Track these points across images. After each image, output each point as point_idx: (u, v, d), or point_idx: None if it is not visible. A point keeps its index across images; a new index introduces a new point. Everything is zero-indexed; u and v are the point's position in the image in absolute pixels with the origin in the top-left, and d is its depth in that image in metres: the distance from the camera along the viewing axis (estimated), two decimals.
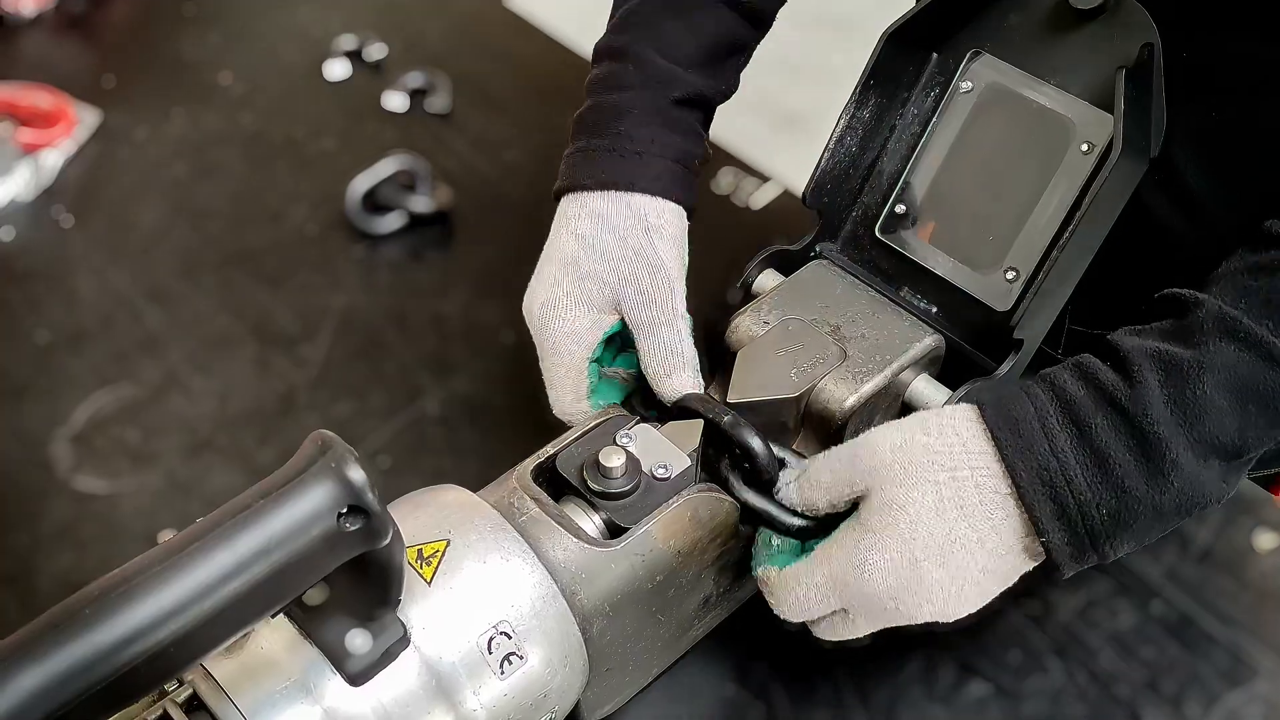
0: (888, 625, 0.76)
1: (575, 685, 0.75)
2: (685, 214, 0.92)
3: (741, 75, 0.99)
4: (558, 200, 0.93)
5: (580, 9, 0.95)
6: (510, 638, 0.70)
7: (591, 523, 0.79)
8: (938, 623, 0.75)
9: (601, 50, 0.96)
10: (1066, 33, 0.87)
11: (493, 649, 0.70)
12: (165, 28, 1.76)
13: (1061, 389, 0.72)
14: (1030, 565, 0.74)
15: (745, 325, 0.88)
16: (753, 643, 0.91)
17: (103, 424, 1.21)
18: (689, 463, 0.81)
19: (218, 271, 1.38)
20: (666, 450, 0.81)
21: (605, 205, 0.89)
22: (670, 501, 0.78)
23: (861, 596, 0.73)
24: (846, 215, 0.95)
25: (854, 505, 0.75)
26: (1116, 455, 0.69)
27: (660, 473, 0.80)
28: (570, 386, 0.89)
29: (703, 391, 0.86)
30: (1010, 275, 0.86)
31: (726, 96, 0.97)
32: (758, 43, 1.00)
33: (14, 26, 1.74)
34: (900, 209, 0.92)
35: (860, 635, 0.78)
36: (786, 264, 0.94)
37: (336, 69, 1.66)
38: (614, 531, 0.78)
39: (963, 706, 0.89)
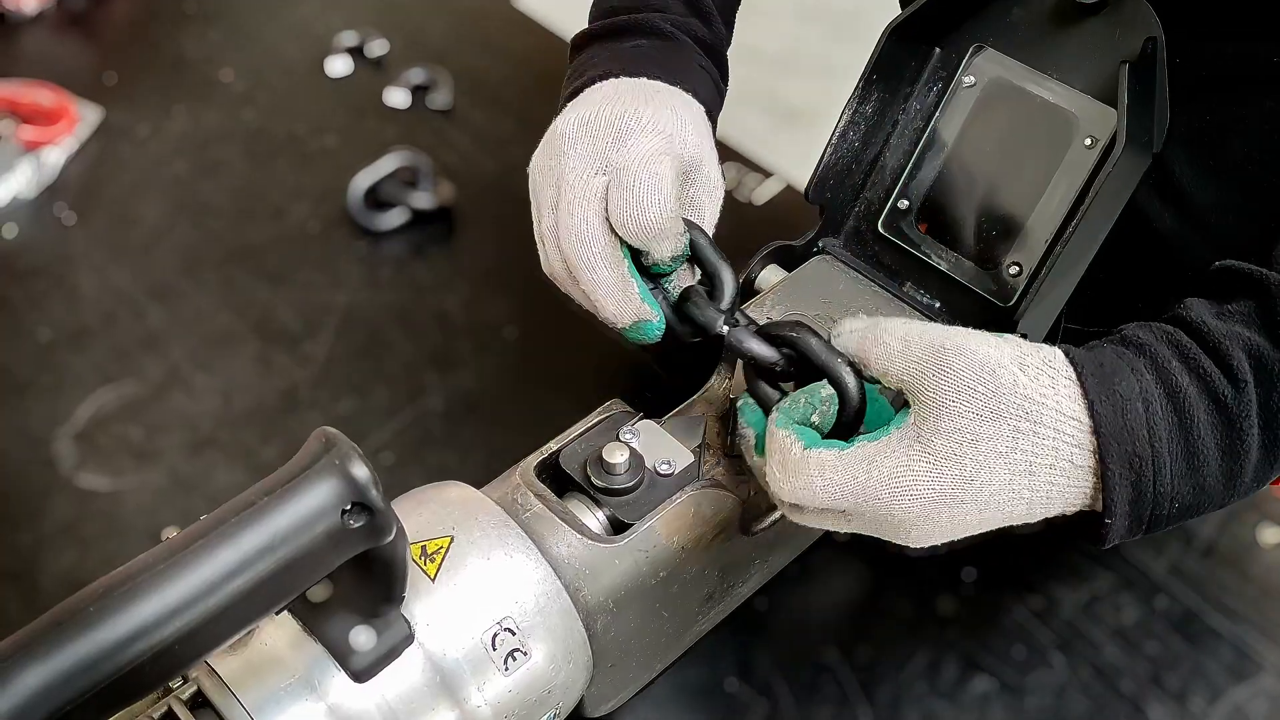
0: (876, 536, 0.70)
1: (579, 681, 0.75)
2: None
3: (741, 71, 0.99)
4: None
5: (581, 4, 0.95)
6: (514, 634, 0.70)
7: (595, 519, 0.78)
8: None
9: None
10: (1069, 27, 0.86)
11: (497, 645, 0.70)
12: (166, 25, 1.76)
13: (1166, 370, 0.67)
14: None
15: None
16: (756, 638, 0.91)
17: (105, 422, 1.21)
18: (692, 459, 0.81)
19: (220, 269, 1.38)
20: (670, 446, 0.81)
21: (639, 87, 0.82)
22: (674, 497, 0.78)
23: (885, 512, 0.67)
24: (849, 211, 0.95)
25: (899, 395, 0.69)
26: (1208, 453, 0.66)
27: (663, 469, 0.80)
28: (664, 183, 0.77)
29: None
30: (1013, 270, 0.86)
31: (726, 41, 0.95)
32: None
33: (15, 24, 1.74)
34: (903, 204, 0.92)
35: (836, 530, 0.71)
36: (789, 260, 0.94)
37: (338, 65, 1.66)
38: (617, 528, 0.78)
39: (967, 702, 0.89)
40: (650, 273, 0.81)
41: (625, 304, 0.79)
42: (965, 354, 0.66)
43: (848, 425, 0.71)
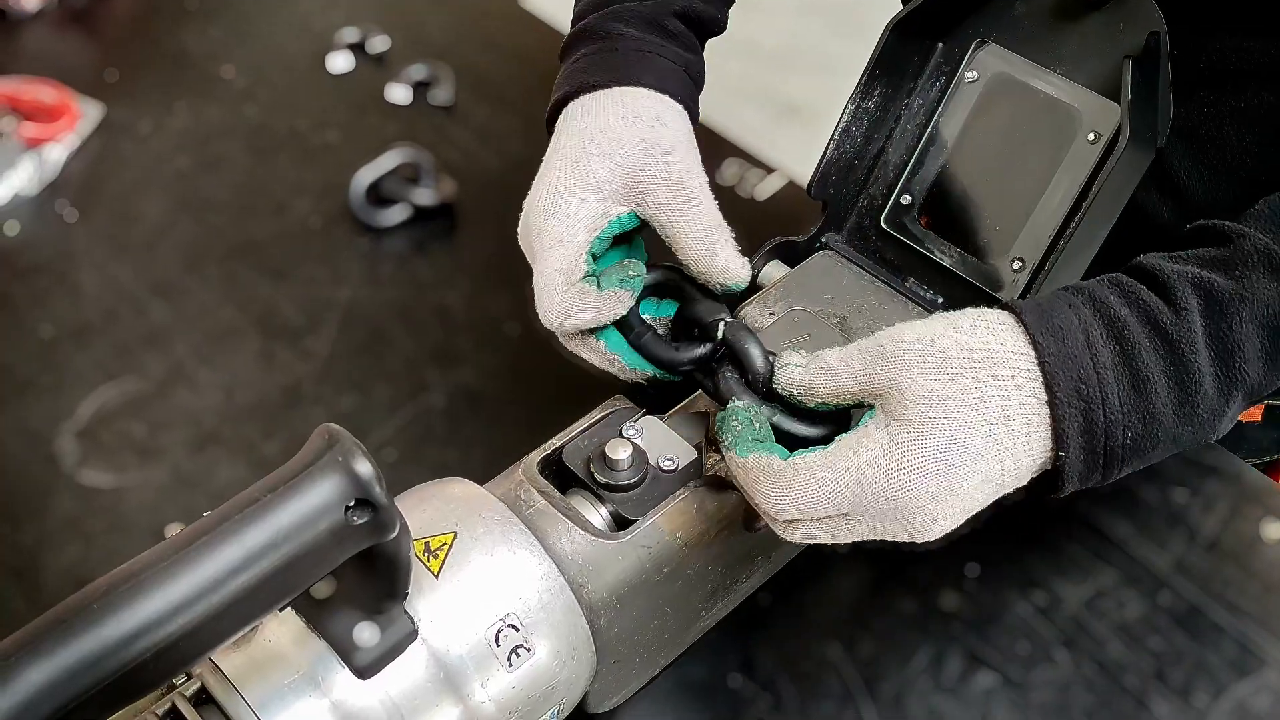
0: (887, 538, 0.71)
1: (583, 677, 0.75)
2: (690, 119, 0.88)
3: (742, 67, 0.98)
4: (552, 124, 0.88)
5: None
6: (518, 630, 0.70)
7: (598, 515, 0.79)
8: (916, 542, 0.70)
9: None
10: (1072, 21, 0.86)
11: (500, 641, 0.70)
12: (167, 21, 1.76)
13: (1104, 304, 0.68)
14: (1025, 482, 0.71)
15: (751, 317, 0.88)
16: (760, 634, 0.91)
17: (108, 418, 1.21)
18: (695, 455, 0.81)
19: (222, 265, 1.38)
20: (673, 442, 0.81)
21: (609, 101, 0.85)
22: (677, 493, 0.78)
23: (886, 497, 0.67)
24: (852, 206, 0.95)
25: (858, 406, 0.71)
26: (1153, 379, 0.66)
27: (667, 465, 0.80)
28: (561, 275, 0.80)
29: (749, 274, 0.83)
30: (1016, 266, 0.86)
31: (720, 26, 0.95)
32: None
33: (16, 21, 1.74)
34: (906, 199, 0.92)
35: (847, 541, 0.72)
36: (792, 255, 0.94)
37: (339, 61, 1.65)
38: (620, 524, 0.78)
39: (970, 697, 0.89)
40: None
41: (622, 374, 0.84)
42: (901, 339, 0.69)
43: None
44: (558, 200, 0.82)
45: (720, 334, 0.79)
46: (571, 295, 0.80)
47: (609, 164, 0.82)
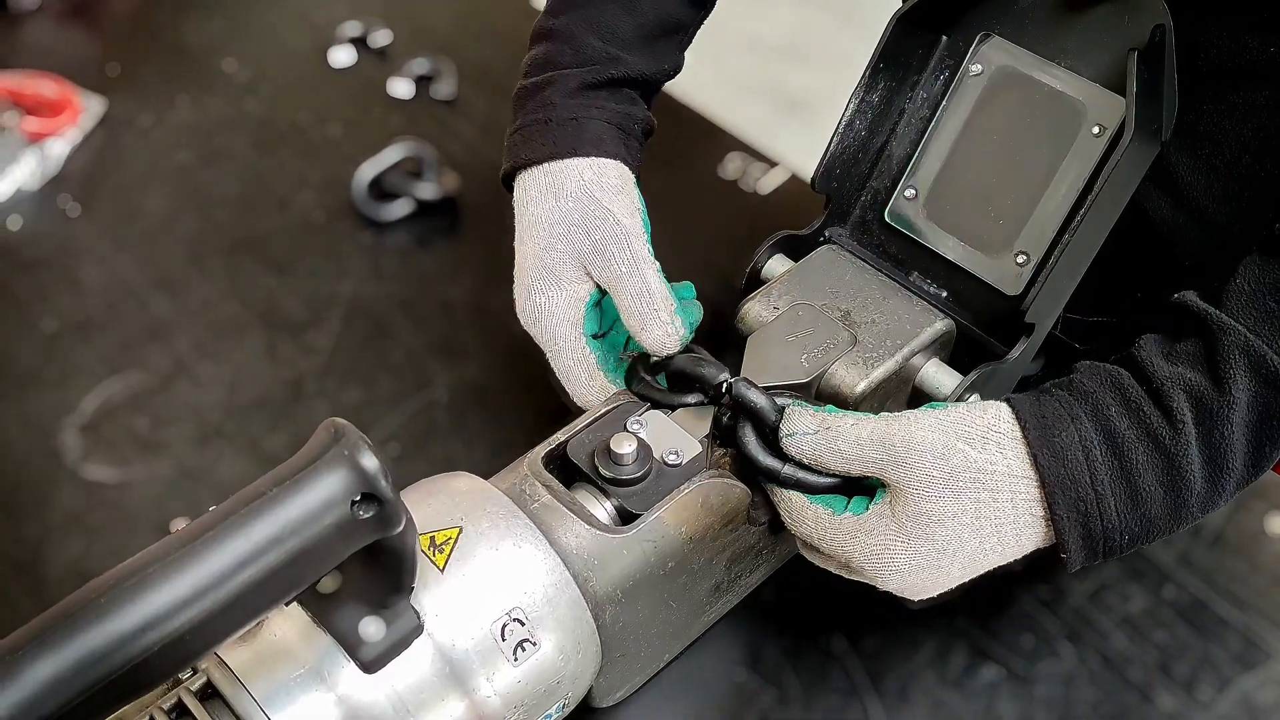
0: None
1: (588, 672, 0.75)
2: (628, 171, 0.91)
3: (744, 61, 0.98)
4: (509, 189, 0.92)
5: None
6: (523, 624, 0.70)
7: (603, 509, 0.78)
8: None
9: (537, 32, 0.96)
10: (1077, 15, 0.86)
11: (506, 636, 0.70)
12: (169, 15, 1.76)
13: (1106, 418, 0.72)
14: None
15: (755, 311, 0.88)
16: (765, 628, 0.91)
17: (111, 412, 1.21)
18: (700, 449, 0.81)
19: (224, 259, 1.38)
20: (678, 436, 0.81)
21: (547, 178, 0.89)
22: (681, 488, 0.78)
23: (875, 577, 0.74)
24: (855, 200, 0.95)
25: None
26: (1150, 491, 0.71)
27: (671, 459, 0.80)
28: (577, 368, 0.88)
29: (681, 334, 0.85)
30: (1020, 259, 0.86)
31: (669, 76, 0.97)
32: (699, 24, 0.99)
33: (18, 15, 1.73)
34: (910, 193, 0.92)
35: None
36: (795, 249, 0.93)
37: (341, 55, 1.65)
38: (625, 518, 0.78)
39: (975, 690, 0.89)
40: None
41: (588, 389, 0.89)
42: (914, 444, 0.72)
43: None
44: (535, 305, 0.89)
45: (726, 393, 0.78)
46: (595, 389, 0.88)
47: (556, 254, 0.88)
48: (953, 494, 0.71)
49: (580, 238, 0.87)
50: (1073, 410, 0.72)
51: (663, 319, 0.85)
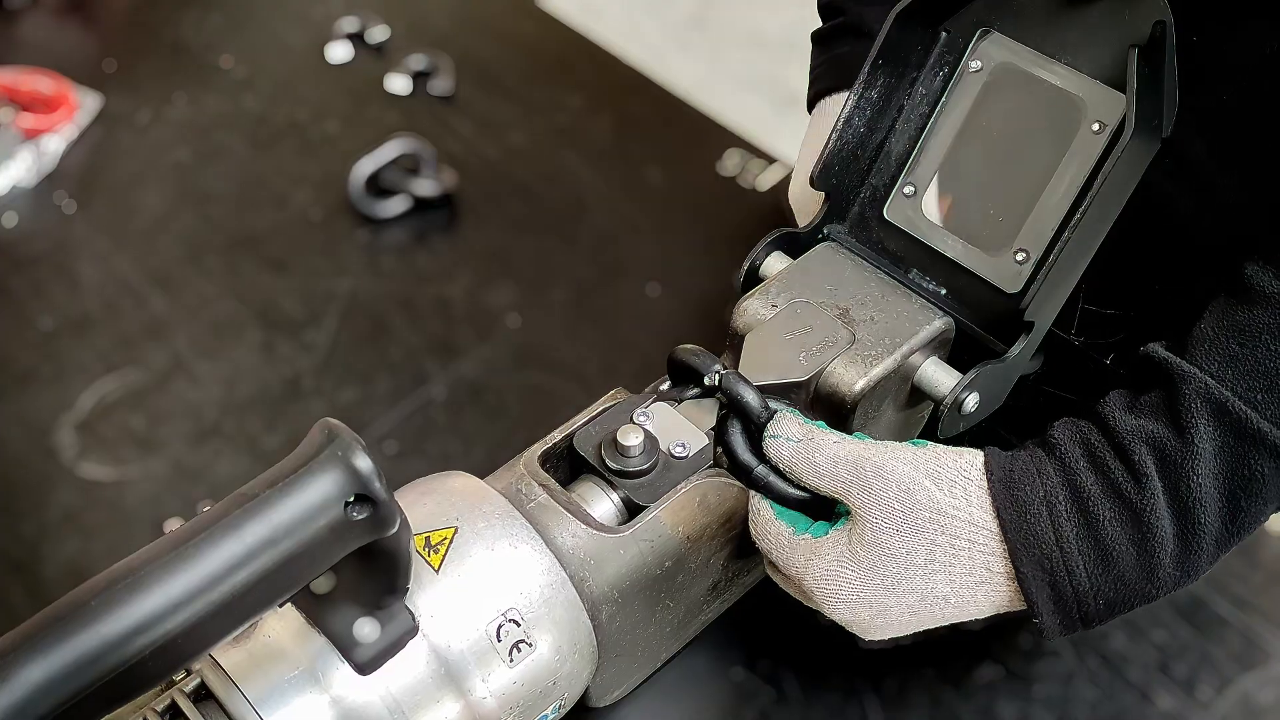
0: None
1: (584, 672, 0.75)
2: None
3: (744, 56, 0.99)
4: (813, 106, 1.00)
5: None
6: (519, 625, 0.70)
7: (610, 501, 0.78)
8: None
9: None
10: (1077, 10, 0.86)
11: (501, 636, 0.69)
12: (165, 10, 1.75)
13: (1071, 472, 0.71)
14: None
15: (753, 308, 0.87)
16: (762, 628, 0.91)
17: (108, 410, 1.21)
18: (706, 441, 0.80)
19: (221, 256, 1.38)
20: (684, 428, 0.81)
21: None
22: (679, 487, 0.77)
23: (823, 603, 0.74)
24: (854, 197, 0.94)
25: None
26: (1120, 550, 0.69)
27: (678, 451, 0.80)
28: None
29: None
30: (1020, 257, 0.85)
31: None
32: None
33: (14, 10, 1.73)
34: (909, 190, 0.91)
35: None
36: (794, 246, 0.93)
37: (338, 51, 1.65)
38: (632, 510, 0.78)
39: (974, 690, 0.89)
40: None
41: None
42: (883, 474, 0.71)
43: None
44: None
45: (717, 383, 0.78)
46: None
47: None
48: (910, 529, 0.70)
49: None
50: (1040, 465, 0.71)
51: None
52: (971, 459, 0.73)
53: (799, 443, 0.74)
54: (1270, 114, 0.86)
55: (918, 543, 0.71)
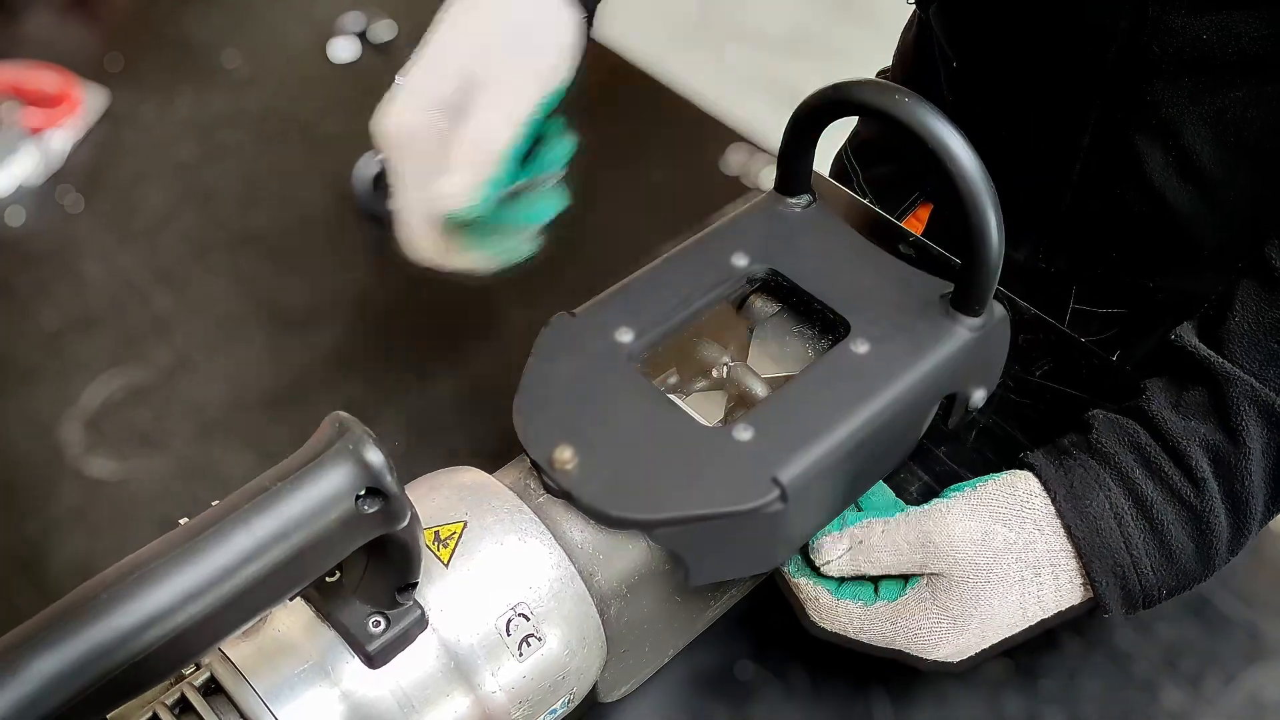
0: None
1: (593, 666, 0.75)
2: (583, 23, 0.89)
3: (745, 54, 0.98)
4: None
5: None
6: (529, 619, 0.70)
7: None
8: None
9: None
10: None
11: (511, 631, 0.69)
12: (170, 7, 1.75)
13: (1132, 481, 0.74)
14: None
15: (760, 303, 0.87)
16: (770, 621, 0.91)
17: (113, 407, 1.21)
18: None
19: (227, 253, 1.38)
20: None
21: None
22: None
23: (920, 655, 0.77)
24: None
25: None
26: (1182, 548, 0.74)
27: None
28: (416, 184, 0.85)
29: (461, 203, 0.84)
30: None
31: None
32: None
33: (19, 6, 1.73)
34: None
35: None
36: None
37: (343, 49, 1.65)
38: None
39: (980, 683, 0.89)
40: None
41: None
42: (954, 539, 0.74)
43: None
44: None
45: (725, 379, 0.79)
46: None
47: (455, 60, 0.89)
48: (997, 578, 0.74)
49: (486, 45, 0.87)
50: (1099, 476, 0.74)
51: (464, 171, 0.85)
52: (1026, 486, 0.76)
53: (851, 553, 0.76)
54: (1272, 108, 0.86)
55: (1008, 586, 0.75)
